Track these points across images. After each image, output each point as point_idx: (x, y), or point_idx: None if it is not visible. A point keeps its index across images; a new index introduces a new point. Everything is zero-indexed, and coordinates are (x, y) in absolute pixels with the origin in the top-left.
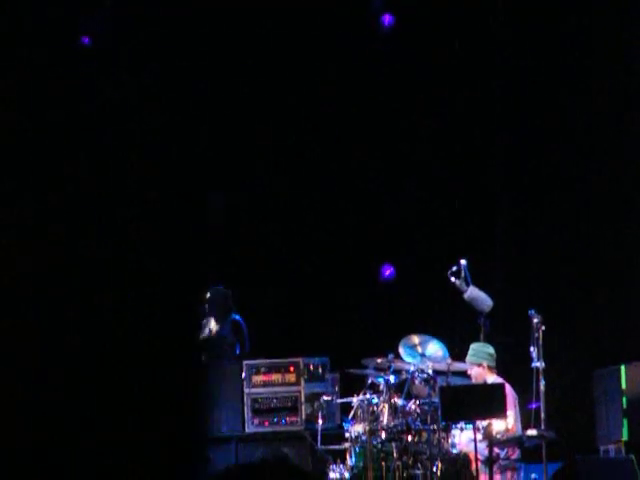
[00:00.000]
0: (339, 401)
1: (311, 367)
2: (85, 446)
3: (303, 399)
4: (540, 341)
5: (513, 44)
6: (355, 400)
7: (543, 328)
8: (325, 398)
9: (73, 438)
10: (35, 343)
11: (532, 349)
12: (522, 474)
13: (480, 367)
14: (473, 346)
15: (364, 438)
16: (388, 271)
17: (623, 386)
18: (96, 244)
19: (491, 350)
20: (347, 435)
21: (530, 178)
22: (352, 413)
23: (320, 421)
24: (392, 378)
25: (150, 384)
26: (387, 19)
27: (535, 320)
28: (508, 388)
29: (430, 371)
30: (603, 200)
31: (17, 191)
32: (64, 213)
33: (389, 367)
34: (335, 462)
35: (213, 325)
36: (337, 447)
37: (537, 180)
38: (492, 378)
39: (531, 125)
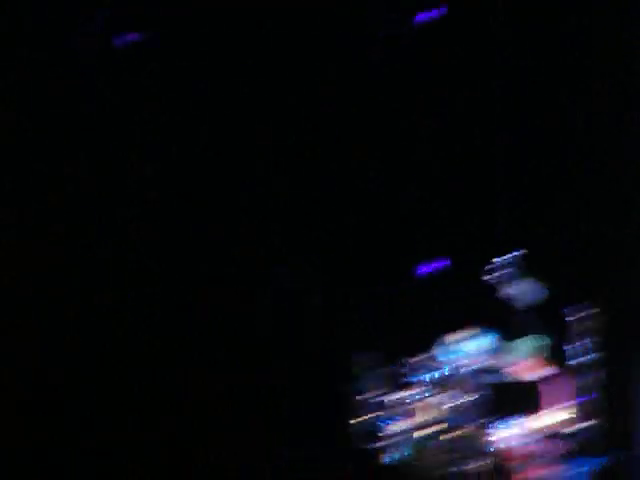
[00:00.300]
0: (378, 399)
1: None
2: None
3: None
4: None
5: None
6: (395, 397)
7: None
8: None
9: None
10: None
11: (574, 345)
12: (569, 468)
13: (527, 361)
14: (519, 341)
15: (406, 436)
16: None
17: None
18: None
19: (538, 344)
20: (386, 433)
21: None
22: (393, 410)
23: None
24: (435, 374)
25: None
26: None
27: (573, 317)
28: (556, 381)
29: (473, 367)
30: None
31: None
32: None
33: (431, 364)
34: None
35: None
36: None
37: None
38: (539, 373)
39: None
